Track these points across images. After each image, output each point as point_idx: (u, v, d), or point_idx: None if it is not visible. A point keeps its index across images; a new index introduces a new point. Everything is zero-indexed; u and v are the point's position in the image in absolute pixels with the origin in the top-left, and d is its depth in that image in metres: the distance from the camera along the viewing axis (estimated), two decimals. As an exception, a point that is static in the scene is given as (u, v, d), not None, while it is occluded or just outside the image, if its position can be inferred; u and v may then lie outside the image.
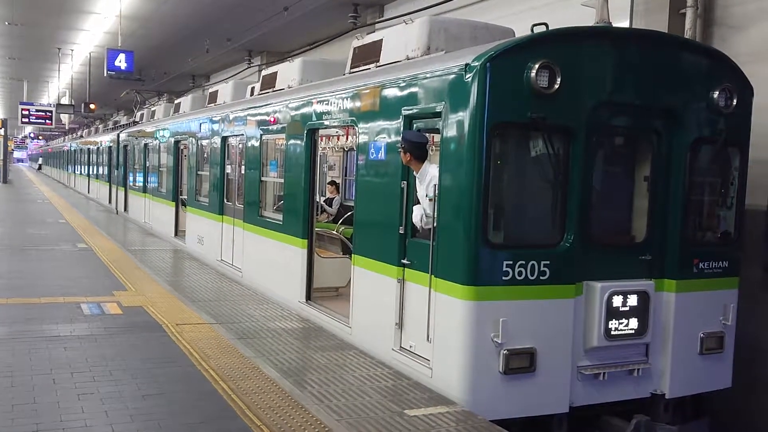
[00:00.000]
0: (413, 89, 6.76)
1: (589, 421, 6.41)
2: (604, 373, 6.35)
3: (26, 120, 35.27)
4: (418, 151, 6.61)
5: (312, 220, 9.11)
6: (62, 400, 5.81)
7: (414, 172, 6.74)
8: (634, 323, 6.38)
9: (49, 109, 35.79)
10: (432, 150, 7.17)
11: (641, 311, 6.41)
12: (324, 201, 13.73)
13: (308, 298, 9.09)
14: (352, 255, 7.79)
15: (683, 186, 6.67)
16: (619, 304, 6.30)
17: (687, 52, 6.87)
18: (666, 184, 6.69)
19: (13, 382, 6.18)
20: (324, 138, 12.59)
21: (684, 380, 6.74)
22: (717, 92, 6.70)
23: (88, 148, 33.00)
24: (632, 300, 6.36)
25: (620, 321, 6.31)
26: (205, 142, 13.97)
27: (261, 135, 10.72)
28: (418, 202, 6.74)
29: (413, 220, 6.71)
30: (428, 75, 6.56)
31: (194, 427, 5.36)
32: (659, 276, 6.65)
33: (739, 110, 6.85)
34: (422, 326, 6.43)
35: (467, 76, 5.91)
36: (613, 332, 6.29)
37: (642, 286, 6.47)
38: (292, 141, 9.51)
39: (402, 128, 6.84)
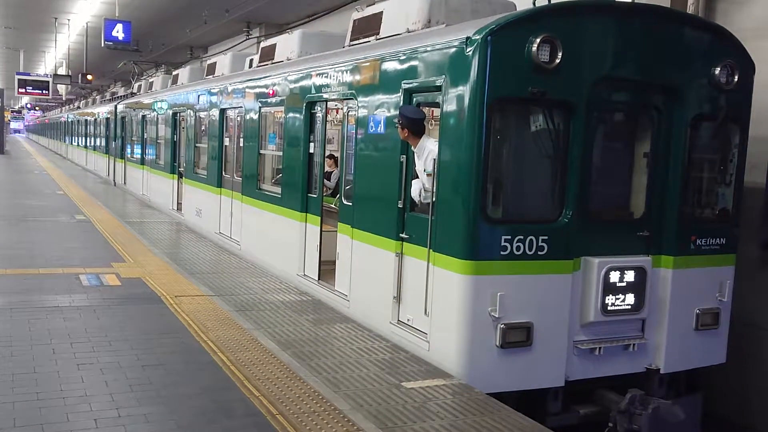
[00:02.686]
0: (413, 63, 6.72)
1: (584, 395, 6.47)
2: (600, 348, 6.40)
3: (23, 90, 35.04)
4: (415, 126, 6.58)
5: (321, 195, 9.07)
6: (62, 369, 5.86)
7: (412, 147, 6.72)
8: (630, 299, 6.42)
9: (46, 79, 35.55)
10: (431, 124, 7.15)
11: (638, 287, 6.44)
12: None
13: (319, 276, 8.86)
14: (351, 227, 7.76)
15: (682, 163, 6.66)
16: (616, 280, 6.33)
17: (689, 27, 6.81)
18: (665, 160, 6.69)
19: (13, 352, 6.22)
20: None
21: (679, 355, 6.80)
22: (718, 68, 6.67)
23: (86, 120, 32.84)
24: (629, 276, 6.39)
25: (617, 296, 6.35)
26: (203, 115, 13.91)
27: (260, 107, 10.67)
28: (417, 177, 6.73)
29: (412, 195, 6.71)
30: (428, 48, 6.52)
31: (193, 397, 5.41)
32: (657, 252, 6.67)
33: (740, 87, 6.82)
34: (420, 300, 6.46)
35: (468, 50, 5.87)
36: (609, 307, 6.33)
37: (639, 262, 6.50)
38: (290, 114, 9.47)
39: (402, 102, 6.80)
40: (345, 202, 8.11)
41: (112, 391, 5.42)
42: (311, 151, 9.01)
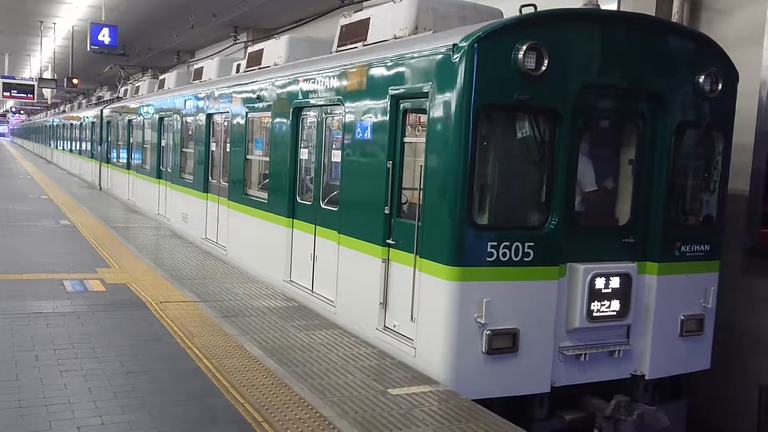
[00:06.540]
0: (400, 69, 6.73)
1: (570, 401, 6.49)
2: (585, 354, 6.42)
3: (8, 94, 34.73)
4: None
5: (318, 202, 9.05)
6: (45, 376, 5.79)
7: None
8: (616, 305, 6.45)
9: (31, 83, 35.27)
10: (419, 130, 7.16)
11: (623, 293, 6.47)
12: (309, 180, 13.69)
13: (312, 286, 8.96)
14: (337, 233, 7.76)
15: (667, 170, 6.71)
16: (602, 286, 6.36)
17: (674, 35, 6.87)
18: (650, 167, 6.73)
19: (-5, 359, 6.16)
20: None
21: (664, 362, 6.83)
22: (702, 76, 6.73)
23: (71, 124, 32.63)
24: (614, 282, 6.42)
25: (602, 303, 6.38)
26: (189, 119, 13.86)
27: (246, 113, 10.64)
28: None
29: None
30: (416, 55, 6.53)
31: (178, 404, 5.37)
32: (642, 259, 6.71)
33: (724, 95, 6.89)
34: (406, 306, 6.46)
35: (455, 57, 5.89)
36: (595, 314, 6.35)
37: (624, 268, 6.53)
38: (278, 119, 9.46)
39: (389, 108, 6.81)
40: (323, 206, 8.23)
41: (96, 398, 5.37)
42: (302, 156, 8.99)
